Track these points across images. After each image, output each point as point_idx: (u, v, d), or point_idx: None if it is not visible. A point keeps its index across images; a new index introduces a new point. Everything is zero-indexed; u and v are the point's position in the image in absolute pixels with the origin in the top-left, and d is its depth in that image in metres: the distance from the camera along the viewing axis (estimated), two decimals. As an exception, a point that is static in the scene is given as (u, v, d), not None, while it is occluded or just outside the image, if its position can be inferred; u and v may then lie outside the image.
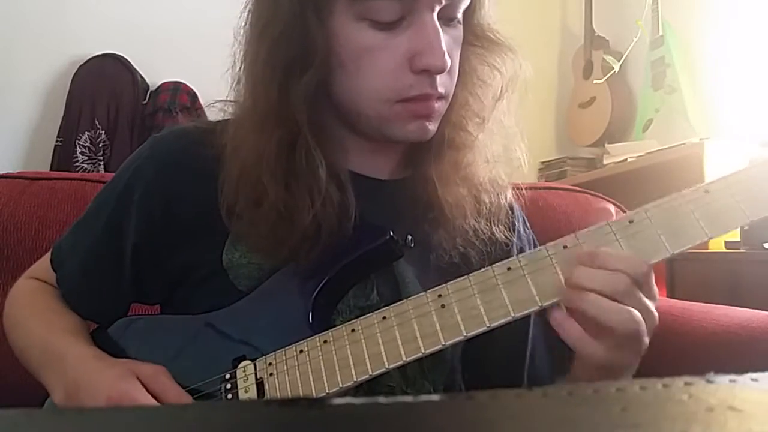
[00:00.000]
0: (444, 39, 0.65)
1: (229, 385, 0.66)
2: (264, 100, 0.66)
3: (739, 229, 1.50)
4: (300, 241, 0.67)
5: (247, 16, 0.69)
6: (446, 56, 0.64)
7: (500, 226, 0.74)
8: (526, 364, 0.77)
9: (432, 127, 0.68)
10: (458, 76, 0.70)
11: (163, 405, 0.26)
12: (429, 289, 0.62)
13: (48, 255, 0.81)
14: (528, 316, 0.76)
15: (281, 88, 0.65)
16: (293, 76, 0.65)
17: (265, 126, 0.66)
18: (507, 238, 0.74)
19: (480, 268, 0.61)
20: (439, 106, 0.68)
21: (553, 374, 0.77)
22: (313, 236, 0.66)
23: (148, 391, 0.64)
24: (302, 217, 0.66)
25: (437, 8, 0.64)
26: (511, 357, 0.77)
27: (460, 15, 0.68)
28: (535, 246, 0.79)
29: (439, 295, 0.61)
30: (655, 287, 0.59)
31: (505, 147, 0.74)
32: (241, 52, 0.69)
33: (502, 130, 0.74)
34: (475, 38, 0.72)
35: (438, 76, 0.66)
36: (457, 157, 0.72)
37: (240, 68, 0.70)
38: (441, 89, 0.67)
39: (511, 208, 0.80)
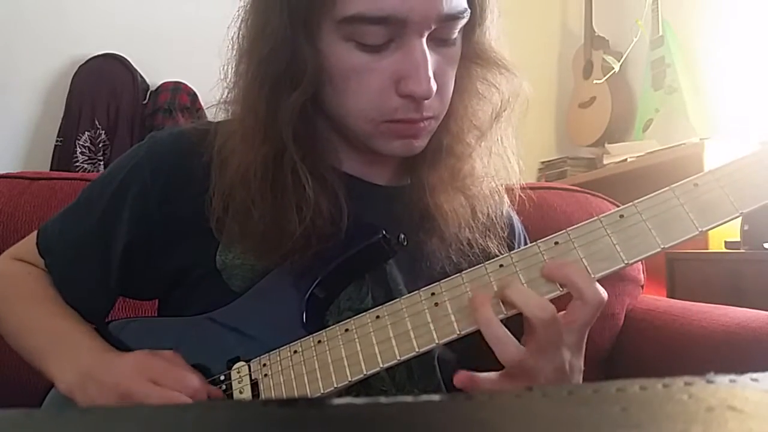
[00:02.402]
0: (433, 62, 0.64)
1: (223, 387, 0.66)
2: (252, 115, 0.66)
3: (739, 229, 1.50)
4: (290, 250, 0.67)
5: (239, 27, 0.68)
6: (432, 82, 0.63)
7: (495, 241, 0.73)
8: None
9: (419, 144, 0.68)
10: (457, 89, 0.69)
11: (163, 405, 0.26)
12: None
13: (31, 238, 0.80)
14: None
15: (269, 104, 0.65)
16: (281, 93, 0.65)
17: (252, 141, 0.66)
18: (501, 252, 0.72)
19: None
20: (427, 125, 0.67)
21: None
22: (303, 244, 0.66)
23: (160, 385, 0.63)
24: (291, 229, 0.66)
25: (426, 33, 0.63)
26: None
27: (455, 35, 0.66)
28: None
29: (432, 293, 0.61)
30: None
31: (504, 165, 0.74)
32: (233, 63, 0.69)
33: (501, 147, 0.73)
34: (476, 56, 0.70)
35: (425, 100, 0.64)
36: (455, 165, 0.72)
37: (231, 79, 0.70)
38: (428, 112, 0.66)
39: (511, 226, 0.80)
